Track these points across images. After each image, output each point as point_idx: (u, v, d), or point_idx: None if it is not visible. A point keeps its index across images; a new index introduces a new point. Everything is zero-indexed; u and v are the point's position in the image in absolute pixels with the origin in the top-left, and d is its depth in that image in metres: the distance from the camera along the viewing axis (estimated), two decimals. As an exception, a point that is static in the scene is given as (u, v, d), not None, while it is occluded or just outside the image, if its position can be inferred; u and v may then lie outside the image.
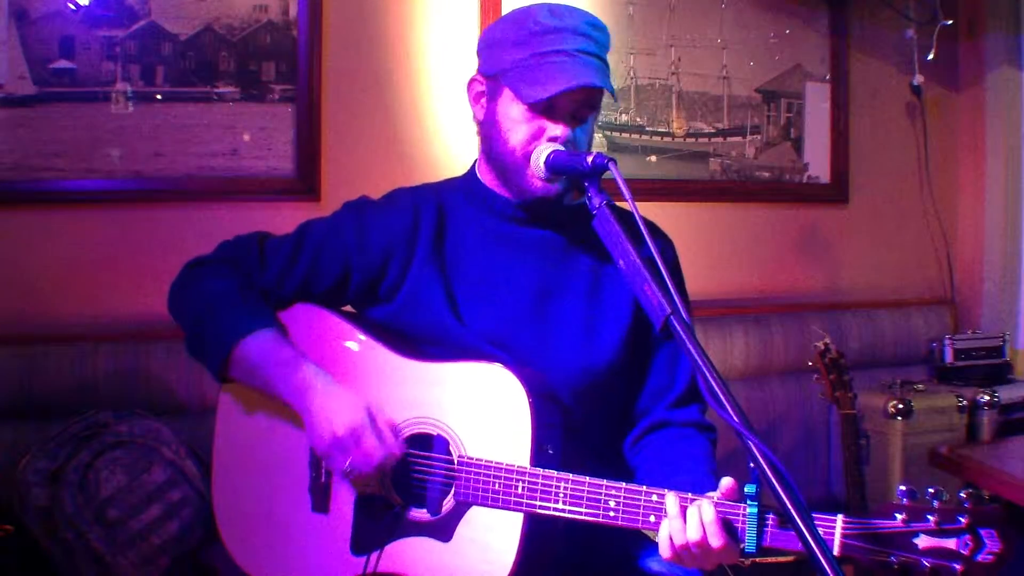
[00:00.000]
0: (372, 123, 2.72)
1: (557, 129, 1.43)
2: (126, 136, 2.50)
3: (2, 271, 2.40)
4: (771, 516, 1.21)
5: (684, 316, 1.18)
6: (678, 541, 1.24)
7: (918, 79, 3.33)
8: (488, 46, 1.51)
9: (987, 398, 2.90)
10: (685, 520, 1.23)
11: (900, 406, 2.76)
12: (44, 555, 2.04)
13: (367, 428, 1.38)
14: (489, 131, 1.50)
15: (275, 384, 1.44)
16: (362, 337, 1.52)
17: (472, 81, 1.54)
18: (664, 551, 1.26)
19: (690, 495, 1.26)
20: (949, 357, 3.14)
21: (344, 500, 1.46)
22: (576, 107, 1.44)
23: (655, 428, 1.55)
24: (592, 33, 1.45)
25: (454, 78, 2.76)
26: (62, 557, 2.03)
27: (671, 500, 1.26)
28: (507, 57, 1.45)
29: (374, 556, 1.42)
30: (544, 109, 1.43)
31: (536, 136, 1.44)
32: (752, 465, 1.08)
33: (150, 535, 2.08)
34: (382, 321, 1.55)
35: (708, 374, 1.12)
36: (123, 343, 2.37)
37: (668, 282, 1.19)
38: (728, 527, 1.23)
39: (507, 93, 1.45)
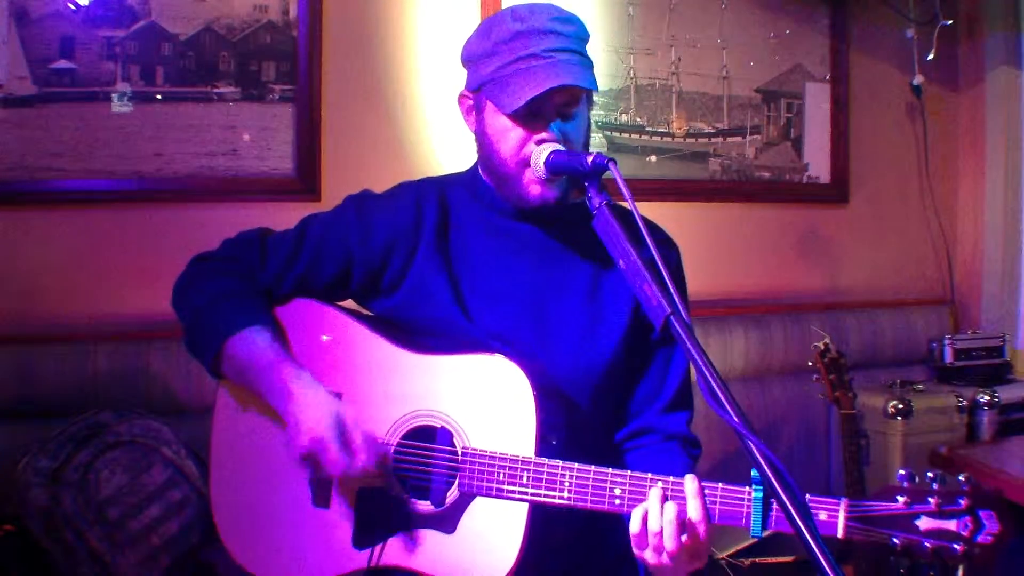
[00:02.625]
0: (372, 123, 2.72)
1: (543, 132, 1.42)
2: (126, 136, 2.49)
3: (2, 271, 2.40)
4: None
5: (684, 316, 1.18)
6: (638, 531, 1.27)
7: (918, 79, 3.33)
8: (467, 61, 1.51)
9: (987, 398, 2.90)
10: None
11: (900, 406, 2.76)
12: (44, 555, 2.04)
13: (332, 440, 1.36)
14: (482, 143, 1.51)
15: (258, 385, 1.45)
16: (362, 331, 1.51)
17: (461, 97, 1.54)
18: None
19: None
20: (949, 357, 3.14)
21: (345, 494, 1.46)
22: (558, 107, 1.43)
23: (642, 433, 1.55)
24: (559, 29, 1.43)
25: (453, 78, 2.74)
26: (62, 557, 2.03)
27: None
28: (483, 71, 1.46)
29: (377, 549, 1.42)
30: (526, 115, 1.42)
31: (524, 142, 1.43)
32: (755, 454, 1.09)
33: (150, 535, 2.08)
34: (385, 314, 1.55)
35: (708, 374, 1.12)
36: (123, 343, 2.37)
37: (668, 281, 1.19)
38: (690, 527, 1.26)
39: (489, 106, 1.46)
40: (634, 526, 1.28)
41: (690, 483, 1.28)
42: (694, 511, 1.26)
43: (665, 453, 1.52)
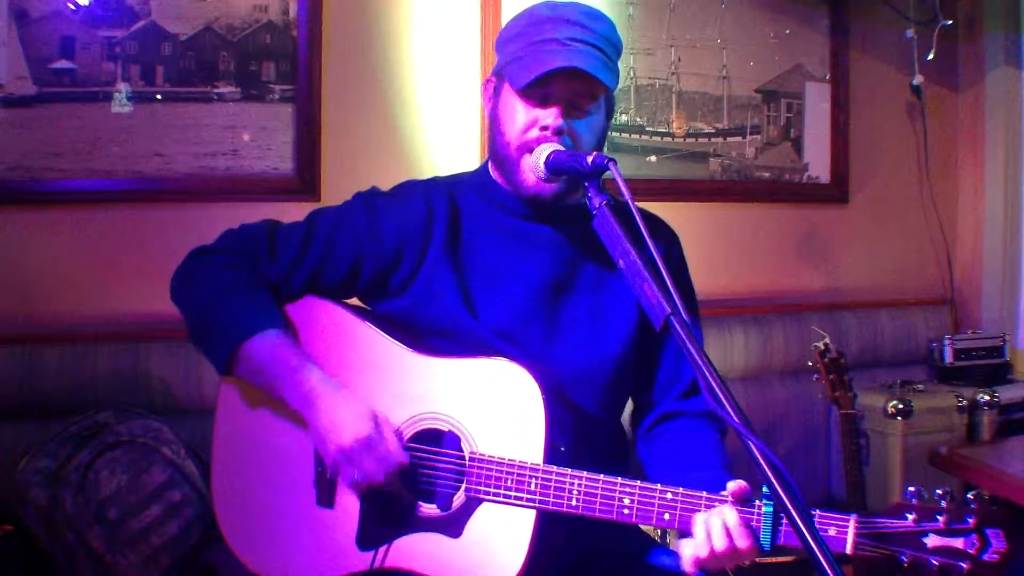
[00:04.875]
0: (372, 123, 2.72)
1: (548, 117, 1.43)
2: (126, 136, 2.49)
3: (2, 271, 2.40)
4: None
5: (684, 316, 1.18)
6: (704, 553, 1.25)
7: (918, 79, 3.33)
8: (498, 45, 1.54)
9: (987, 398, 2.90)
10: (709, 532, 1.25)
11: (900, 406, 2.76)
12: (44, 555, 2.04)
13: (376, 437, 1.37)
14: (492, 125, 1.52)
15: (280, 389, 1.43)
16: (372, 331, 1.50)
17: (486, 82, 1.56)
18: (688, 565, 1.27)
19: (706, 494, 1.28)
20: (949, 357, 3.14)
21: (351, 494, 1.45)
22: (572, 96, 1.44)
23: (666, 418, 1.55)
24: (587, 23, 1.45)
25: (454, 78, 2.76)
26: (62, 557, 2.03)
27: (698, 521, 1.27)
28: (508, 51, 1.48)
29: (381, 551, 1.42)
30: (539, 98, 1.43)
31: (530, 126, 1.44)
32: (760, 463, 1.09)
33: (150, 535, 2.08)
34: (393, 315, 1.54)
35: (708, 374, 1.12)
36: (123, 343, 2.37)
37: (668, 281, 1.19)
38: (749, 527, 1.25)
39: (506, 86, 1.47)
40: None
41: (730, 515, 1.26)
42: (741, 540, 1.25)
43: (692, 433, 1.52)
